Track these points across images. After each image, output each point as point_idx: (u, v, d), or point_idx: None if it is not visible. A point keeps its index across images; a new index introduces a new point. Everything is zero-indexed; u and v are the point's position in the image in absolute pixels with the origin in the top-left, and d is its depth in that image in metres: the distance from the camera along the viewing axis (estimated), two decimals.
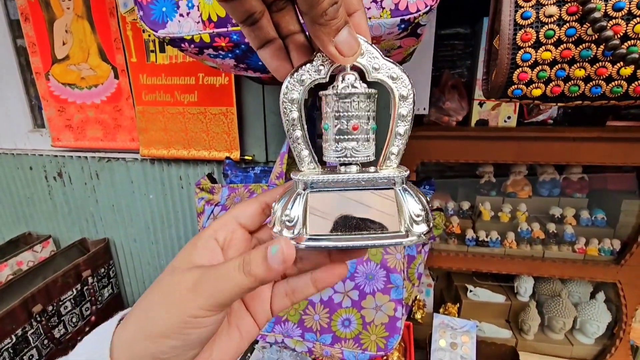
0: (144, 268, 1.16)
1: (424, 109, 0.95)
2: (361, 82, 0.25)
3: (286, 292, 0.28)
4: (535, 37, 0.37)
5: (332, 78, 0.26)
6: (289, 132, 0.27)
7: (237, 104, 0.89)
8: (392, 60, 0.25)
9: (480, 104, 0.96)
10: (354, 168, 0.27)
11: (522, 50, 0.38)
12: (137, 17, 0.87)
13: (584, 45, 0.36)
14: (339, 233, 0.24)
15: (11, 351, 0.83)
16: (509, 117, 0.95)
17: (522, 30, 0.38)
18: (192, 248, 0.25)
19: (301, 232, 0.24)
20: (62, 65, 0.97)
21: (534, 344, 1.00)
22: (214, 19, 0.46)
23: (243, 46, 0.48)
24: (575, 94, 0.39)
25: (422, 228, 0.24)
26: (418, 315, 1.08)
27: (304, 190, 0.25)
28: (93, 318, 1.06)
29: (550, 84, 0.39)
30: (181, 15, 0.48)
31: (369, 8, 0.43)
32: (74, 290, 0.99)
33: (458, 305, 1.09)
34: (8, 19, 1.02)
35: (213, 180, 0.76)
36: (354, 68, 0.25)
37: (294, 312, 0.64)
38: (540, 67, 0.37)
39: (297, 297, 0.27)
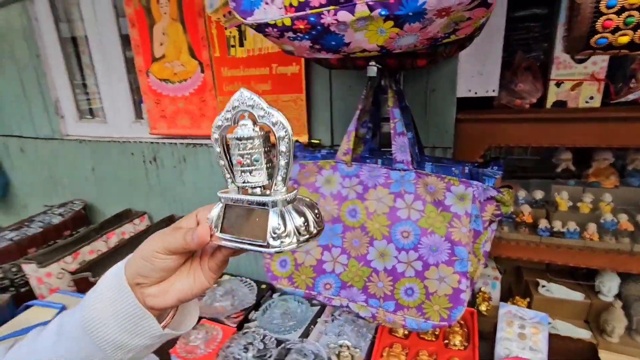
0: None
1: (493, 90, 0.92)
2: (254, 127, 0.33)
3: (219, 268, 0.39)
4: None
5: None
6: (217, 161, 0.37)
7: (307, 91, 0.96)
8: (273, 108, 0.33)
9: (558, 84, 0.90)
10: (257, 190, 0.35)
11: None
12: (220, 17, 0.98)
13: None
14: (234, 236, 0.34)
15: None
16: (591, 98, 0.88)
17: None
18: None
19: (215, 228, 0.36)
20: (159, 63, 1.13)
21: (620, 347, 0.91)
22: (295, 4, 0.52)
23: (319, 27, 0.53)
24: None
25: (277, 243, 0.32)
26: (483, 307, 1.05)
27: (221, 204, 0.36)
28: None
29: None
30: (266, 3, 0.55)
31: None
32: None
33: (528, 300, 1.04)
34: (120, 33, 1.21)
35: None
36: (250, 115, 0.34)
37: (358, 279, 0.68)
38: (628, 12, 0.36)
39: (214, 268, 0.39)
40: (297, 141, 0.92)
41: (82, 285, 0.95)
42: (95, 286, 0.38)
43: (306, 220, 0.33)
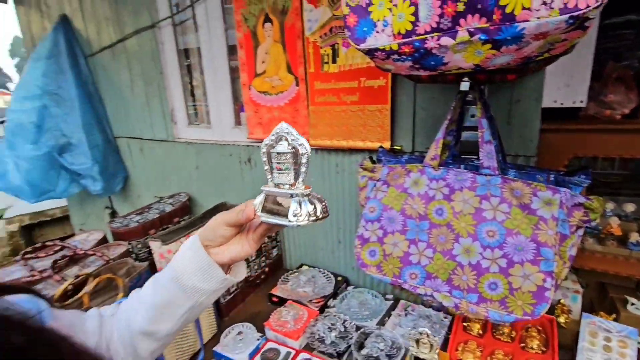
0: (301, 237, 1.44)
1: (581, 101, 0.93)
2: (287, 147, 0.50)
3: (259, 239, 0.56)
4: None
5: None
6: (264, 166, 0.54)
7: (392, 102, 1.06)
8: (300, 135, 0.49)
9: None
10: (286, 186, 0.51)
11: None
12: (317, 38, 1.13)
13: None
14: (269, 215, 0.52)
15: None
16: None
17: None
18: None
19: (257, 210, 0.53)
20: (260, 78, 1.32)
21: None
22: (402, 32, 0.63)
23: (422, 50, 0.63)
24: None
25: (294, 220, 0.48)
26: (561, 319, 1.04)
27: (262, 194, 0.54)
28: (267, 269, 1.38)
29: None
30: (377, 32, 0.66)
31: (539, 10, 0.52)
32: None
33: (614, 316, 1.01)
34: (227, 45, 1.44)
35: (373, 162, 0.94)
36: (285, 139, 0.50)
37: (443, 271, 0.75)
38: None
39: (255, 239, 0.55)
40: (380, 146, 1.03)
41: None
42: (178, 251, 0.55)
43: (315, 208, 0.50)
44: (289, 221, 0.49)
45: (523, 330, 0.96)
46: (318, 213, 0.50)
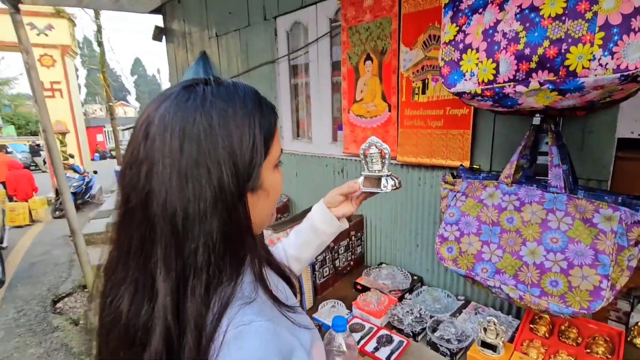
0: (382, 238, 1.68)
1: None
2: (376, 150, 0.82)
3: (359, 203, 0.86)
4: None
5: None
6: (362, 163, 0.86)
7: (473, 128, 1.26)
8: (383, 143, 0.82)
9: None
10: (376, 172, 0.83)
11: None
12: (410, 74, 1.37)
13: None
14: (367, 187, 0.83)
15: (318, 265, 1.47)
16: None
17: None
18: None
19: (359, 184, 0.83)
20: (358, 104, 1.62)
21: None
22: (486, 80, 0.85)
23: (501, 94, 0.84)
24: None
25: (382, 189, 0.81)
26: (637, 341, 1.10)
27: (362, 177, 0.84)
28: (352, 263, 1.64)
29: None
30: (465, 80, 0.89)
31: (596, 69, 0.71)
32: (346, 241, 1.60)
33: None
34: (332, 84, 1.77)
35: (454, 177, 1.15)
36: (373, 146, 0.82)
37: (510, 268, 0.93)
38: None
39: (356, 204, 0.86)
40: (461, 165, 1.22)
41: None
42: (311, 210, 0.85)
43: (395, 183, 0.81)
44: (381, 189, 0.81)
45: (590, 338, 1.05)
46: (397, 184, 0.82)
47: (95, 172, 7.74)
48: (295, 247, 0.85)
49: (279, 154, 0.54)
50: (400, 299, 1.37)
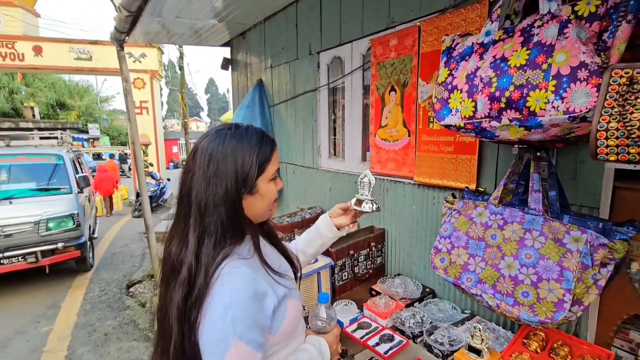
0: (400, 251, 1.82)
1: None
2: (367, 178, 1.07)
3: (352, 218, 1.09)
4: None
5: None
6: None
7: (479, 154, 1.39)
8: (371, 175, 1.07)
9: None
10: (364, 196, 1.07)
11: None
12: (426, 105, 1.55)
13: None
14: (357, 206, 1.05)
15: (337, 268, 1.68)
16: None
17: None
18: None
19: (352, 204, 1.07)
20: (383, 129, 1.82)
21: None
22: (467, 116, 1.02)
23: (479, 128, 1.00)
24: None
25: (366, 208, 1.04)
26: None
27: (354, 198, 1.08)
28: (371, 271, 1.81)
29: None
30: (452, 115, 1.07)
31: (550, 111, 0.85)
32: (366, 250, 1.78)
33: None
34: (362, 111, 2.01)
35: (454, 197, 1.29)
36: (364, 178, 1.07)
37: (490, 279, 1.05)
38: None
39: (350, 219, 1.09)
40: (466, 187, 1.36)
41: (327, 253, 1.69)
42: (318, 220, 1.09)
43: (371, 207, 1.03)
44: (362, 210, 1.02)
45: (579, 358, 1.10)
46: (373, 208, 1.02)
47: (168, 180, 8.80)
48: (303, 242, 1.09)
49: (273, 171, 0.79)
50: (408, 306, 1.51)
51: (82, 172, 4.97)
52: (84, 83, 19.00)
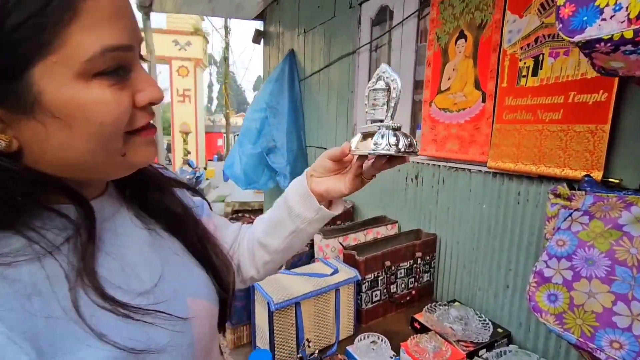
0: (458, 268, 1.29)
1: None
2: (383, 84, 0.54)
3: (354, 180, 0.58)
4: None
5: None
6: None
7: (613, 122, 0.83)
8: (395, 73, 0.53)
9: None
10: (377, 123, 0.54)
11: None
12: (517, 50, 1.02)
13: None
14: (359, 149, 0.54)
15: (366, 285, 1.19)
16: None
17: None
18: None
19: (352, 146, 0.55)
20: (443, 95, 1.30)
21: None
22: None
23: None
24: None
25: (374, 148, 0.51)
26: None
27: (358, 134, 0.56)
28: (413, 292, 1.30)
29: None
30: (603, 19, 0.54)
31: None
32: (408, 262, 1.27)
33: None
34: (414, 77, 1.49)
35: (572, 188, 0.76)
36: (382, 78, 0.54)
37: None
38: None
39: (349, 181, 0.58)
40: (587, 175, 0.82)
41: (348, 258, 1.21)
42: (289, 185, 0.62)
43: (397, 141, 0.51)
44: (370, 150, 0.51)
45: None
46: (400, 146, 0.50)
47: (204, 168, 8.78)
48: (264, 226, 0.63)
49: (95, 50, 0.30)
50: (471, 355, 0.99)
51: None
52: None
